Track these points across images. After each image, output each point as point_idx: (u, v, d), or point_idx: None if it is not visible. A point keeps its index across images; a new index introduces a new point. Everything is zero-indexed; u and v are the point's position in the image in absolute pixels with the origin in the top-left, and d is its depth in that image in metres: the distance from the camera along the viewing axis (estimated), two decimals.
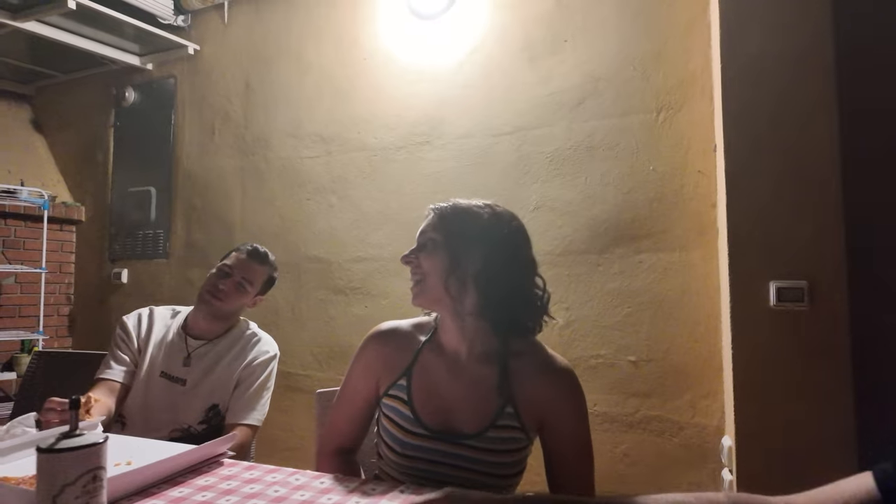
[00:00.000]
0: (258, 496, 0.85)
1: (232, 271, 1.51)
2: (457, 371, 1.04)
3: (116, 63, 3.24)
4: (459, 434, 0.99)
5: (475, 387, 1.02)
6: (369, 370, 1.10)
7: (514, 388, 1.00)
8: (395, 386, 1.05)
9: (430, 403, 1.02)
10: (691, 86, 2.04)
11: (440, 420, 1.00)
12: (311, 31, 2.81)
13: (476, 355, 1.04)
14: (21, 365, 3.14)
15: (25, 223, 3.27)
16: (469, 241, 1.01)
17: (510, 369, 1.01)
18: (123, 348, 1.48)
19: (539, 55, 2.29)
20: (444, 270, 1.00)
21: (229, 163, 2.99)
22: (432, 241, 1.03)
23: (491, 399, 1.00)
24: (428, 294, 1.03)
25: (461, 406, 1.01)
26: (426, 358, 1.07)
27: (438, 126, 2.48)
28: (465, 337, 1.04)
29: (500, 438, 0.98)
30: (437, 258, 1.02)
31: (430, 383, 1.04)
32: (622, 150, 2.12)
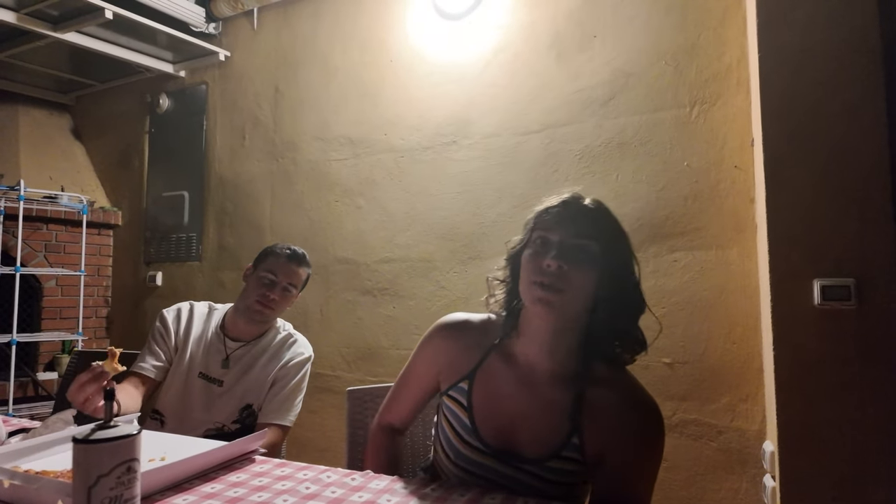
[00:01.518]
0: (289, 492, 0.84)
1: (277, 279, 1.50)
2: (527, 386, 0.93)
3: (151, 71, 3.32)
4: (519, 457, 0.90)
5: (545, 408, 0.91)
6: (432, 362, 1.04)
7: (586, 416, 0.88)
8: (455, 387, 0.98)
9: (491, 416, 0.93)
10: (726, 79, 1.98)
11: (500, 437, 0.92)
12: (338, 34, 2.83)
13: (553, 375, 0.92)
14: (62, 365, 3.24)
15: (66, 228, 3.38)
16: (614, 260, 0.89)
17: (586, 397, 0.89)
18: (160, 343, 1.50)
19: (567, 52, 2.26)
20: (592, 289, 0.87)
21: (259, 167, 3.04)
22: (585, 251, 0.87)
23: (559, 426, 0.89)
24: (565, 313, 0.88)
25: (525, 426, 0.91)
26: (493, 364, 0.97)
27: (465, 126, 2.47)
28: (552, 354, 0.92)
29: (562, 471, 0.88)
30: (589, 274, 0.87)
31: (493, 393, 0.95)
32: (655, 146, 2.07)
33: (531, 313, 0.91)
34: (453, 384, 0.99)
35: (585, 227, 0.88)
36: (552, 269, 0.86)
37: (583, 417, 0.88)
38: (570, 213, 0.90)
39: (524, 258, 0.92)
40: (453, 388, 0.98)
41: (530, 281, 0.88)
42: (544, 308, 0.87)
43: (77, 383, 1.08)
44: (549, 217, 0.91)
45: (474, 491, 0.84)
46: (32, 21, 2.70)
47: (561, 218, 0.90)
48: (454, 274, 2.46)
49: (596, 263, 0.87)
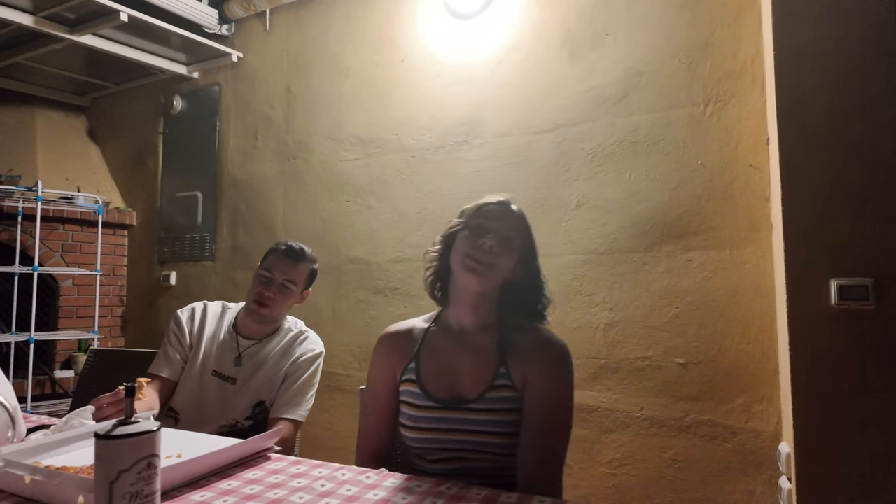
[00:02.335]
0: (305, 490, 0.84)
1: (274, 276, 1.51)
2: (461, 342, 1.11)
3: (165, 72, 3.36)
4: (463, 400, 1.06)
5: (476, 354, 1.09)
6: (386, 365, 1.16)
7: (509, 349, 1.08)
8: (406, 371, 1.13)
9: (437, 378, 1.09)
10: (741, 77, 1.96)
11: (445, 390, 1.07)
12: (349, 35, 2.84)
13: (478, 327, 1.11)
14: (78, 363, 3.28)
15: (82, 228, 3.43)
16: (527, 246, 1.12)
17: (507, 339, 1.09)
18: (175, 344, 1.52)
19: (580, 50, 2.25)
20: (509, 269, 1.10)
21: (272, 167, 3.06)
22: (512, 242, 1.09)
23: (489, 362, 1.07)
24: (489, 282, 1.08)
25: (465, 374, 1.08)
26: (432, 338, 1.15)
27: (476, 126, 2.47)
28: (477, 312, 1.11)
29: (498, 398, 1.04)
30: (510, 257, 1.09)
31: (437, 359, 1.12)
32: (668, 144, 2.05)
33: (460, 280, 1.10)
34: (405, 369, 1.13)
35: (513, 223, 1.12)
36: (486, 247, 1.06)
37: (507, 353, 1.07)
38: (504, 210, 1.12)
39: (461, 236, 1.11)
40: (405, 372, 1.13)
41: (465, 253, 1.07)
42: (472, 275, 1.06)
43: (98, 402, 1.13)
44: (489, 210, 1.12)
45: (489, 491, 0.84)
46: (49, 24, 2.74)
47: (497, 213, 1.12)
48: None
49: (515, 251, 1.10)
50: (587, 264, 2.17)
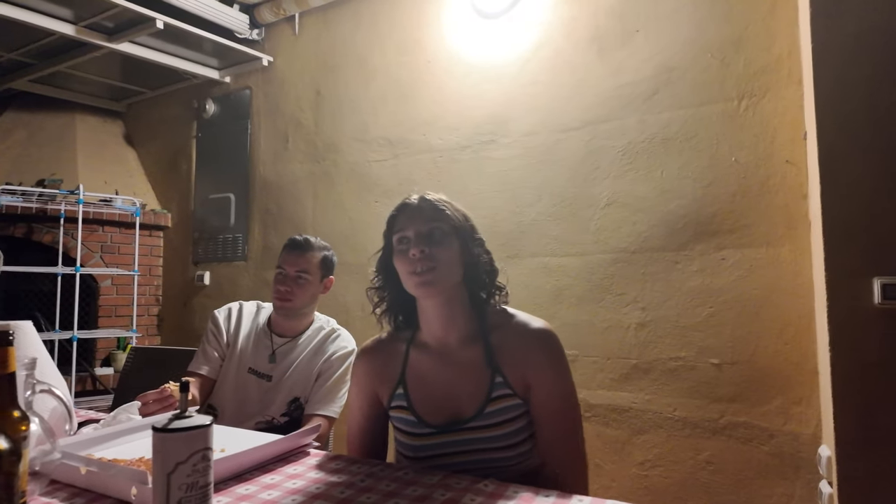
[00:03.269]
0: (345, 485, 0.86)
1: (286, 271, 1.55)
2: (446, 361, 1.06)
3: (198, 77, 3.44)
4: (461, 420, 1.01)
5: (466, 370, 1.04)
6: (364, 388, 1.13)
7: (499, 357, 1.03)
8: (394, 397, 1.08)
9: (429, 402, 1.04)
10: (776, 71, 1.92)
11: (442, 414, 1.02)
12: (376, 36, 2.87)
13: (461, 339, 1.06)
14: (118, 361, 3.39)
15: (120, 229, 3.54)
16: (461, 226, 1.06)
17: (493, 343, 1.04)
18: (213, 343, 1.57)
19: (609, 47, 2.23)
20: (452, 260, 1.03)
21: (301, 168, 3.11)
22: (439, 230, 1.03)
23: (481, 376, 1.02)
24: (443, 282, 1.01)
25: (458, 393, 1.03)
26: (415, 359, 1.09)
27: (503, 124, 2.47)
28: (452, 323, 1.06)
29: (498, 410, 1.00)
30: (446, 249, 1.02)
31: (424, 382, 1.06)
32: (701, 141, 2.02)
33: (420, 300, 1.05)
34: (392, 395, 1.08)
35: (431, 213, 1.04)
36: (417, 256, 1.00)
37: (497, 359, 1.02)
38: (413, 208, 1.06)
39: (396, 261, 1.05)
40: (393, 398, 1.08)
41: (407, 274, 1.02)
42: (426, 289, 1.01)
43: (144, 398, 1.17)
44: (400, 219, 1.06)
45: (528, 490, 0.84)
46: (89, 33, 2.83)
47: (408, 215, 1.06)
48: None
49: (450, 238, 1.03)
50: (617, 263, 2.15)
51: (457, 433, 1.00)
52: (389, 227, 1.09)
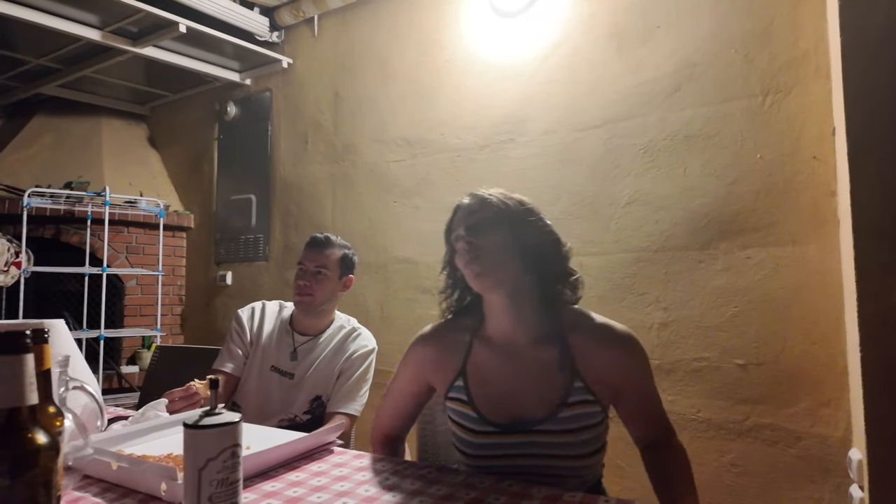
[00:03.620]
0: (370, 483, 0.87)
1: (305, 266, 1.58)
2: (514, 359, 1.02)
3: (219, 80, 3.50)
4: (530, 421, 0.96)
5: (536, 370, 0.99)
6: (417, 374, 1.12)
7: (579, 362, 0.98)
8: (452, 388, 1.05)
9: (492, 399, 1.01)
10: (803, 65, 1.88)
11: (506, 412, 0.98)
12: (395, 37, 2.88)
13: (532, 338, 1.02)
14: (143, 359, 3.46)
15: (144, 230, 3.61)
16: (513, 217, 1.02)
17: (570, 344, 1.00)
18: (237, 341, 1.59)
19: (629, 44, 2.20)
20: (502, 247, 1.00)
21: (321, 169, 3.13)
22: (484, 219, 1.01)
23: (556, 379, 0.98)
24: (492, 272, 0.99)
25: (525, 394, 0.99)
26: (478, 353, 1.05)
27: (521, 123, 2.46)
28: (521, 320, 1.02)
29: (575, 416, 0.95)
30: (493, 236, 1.00)
31: (487, 378, 1.03)
32: (724, 138, 1.99)
33: (484, 294, 1.03)
34: (450, 385, 1.05)
35: (476, 206, 1.04)
36: (466, 248, 1.00)
37: (577, 363, 0.98)
38: (464, 207, 1.06)
39: (457, 261, 1.04)
40: (451, 389, 1.05)
41: (463, 270, 1.02)
42: (480, 280, 1.00)
43: (171, 395, 1.19)
44: (454, 220, 1.07)
45: (550, 489, 0.84)
46: (115, 38, 2.89)
47: (460, 214, 1.06)
48: None
49: (497, 227, 1.00)
50: (639, 263, 2.12)
51: (523, 434, 0.96)
52: (448, 231, 1.08)
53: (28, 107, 3.89)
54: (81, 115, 3.86)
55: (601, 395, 0.97)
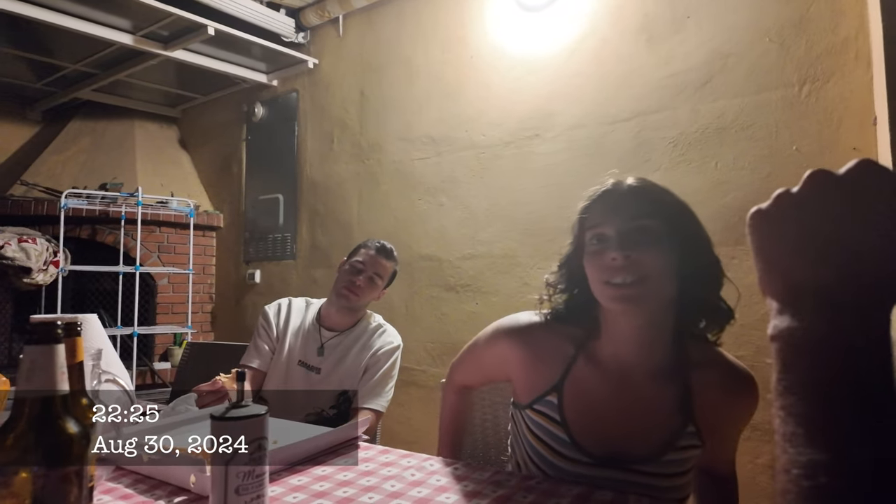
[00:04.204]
0: (395, 478, 0.86)
1: (364, 267, 1.58)
2: (625, 388, 0.88)
3: (247, 81, 3.55)
4: (628, 457, 0.85)
5: (650, 405, 0.86)
6: (500, 364, 1.00)
7: (697, 405, 0.85)
8: (542, 401, 0.91)
9: (590, 426, 0.88)
10: (842, 53, 1.80)
11: (605, 445, 0.87)
12: (420, 35, 2.88)
13: (653, 370, 0.87)
14: (175, 356, 3.54)
15: (175, 230, 3.69)
16: (681, 224, 0.83)
17: (693, 386, 0.86)
18: (264, 337, 1.61)
19: (658, 35, 2.15)
20: (664, 269, 0.80)
21: (347, 169, 3.15)
22: (650, 230, 0.81)
23: (670, 420, 0.85)
24: (651, 300, 0.81)
25: (631, 428, 0.86)
26: (581, 372, 0.91)
27: (548, 118, 2.43)
28: (649, 348, 0.86)
29: (680, 461, 0.85)
30: (660, 255, 0.80)
31: (587, 402, 0.89)
32: (758, 130, 1.93)
33: (612, 313, 0.86)
34: (538, 398, 0.92)
35: (639, 207, 0.82)
36: (619, 263, 0.80)
37: (694, 406, 0.85)
38: (616, 198, 0.84)
39: (586, 262, 0.86)
40: (539, 402, 0.92)
41: (601, 283, 0.83)
42: (625, 305, 0.82)
43: (198, 390, 1.22)
44: (595, 211, 0.85)
45: (582, 486, 0.82)
46: (147, 42, 2.97)
47: (608, 207, 0.84)
48: (539, 270, 2.42)
49: (663, 242, 0.80)
50: None
51: (619, 471, 0.85)
52: (581, 221, 0.88)
53: (66, 111, 4.02)
54: (116, 119, 3.97)
55: (706, 438, 0.86)
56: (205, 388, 1.25)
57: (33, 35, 2.94)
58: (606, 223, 0.83)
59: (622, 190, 0.85)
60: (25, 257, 2.95)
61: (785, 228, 0.39)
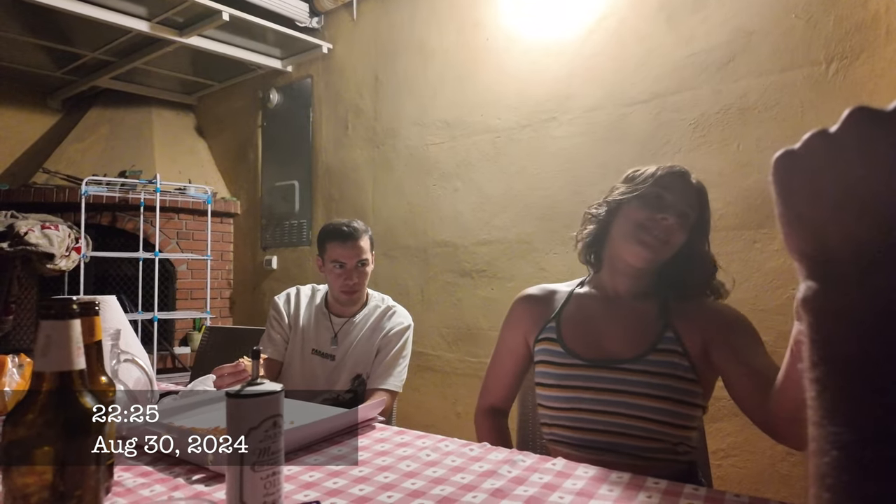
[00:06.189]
0: (411, 458, 0.86)
1: (347, 263, 1.55)
2: (612, 305, 1.06)
3: (262, 68, 3.55)
4: (616, 359, 0.99)
5: (632, 317, 1.03)
6: (516, 328, 1.14)
7: (674, 315, 1.01)
8: (544, 330, 1.08)
9: (581, 336, 1.04)
10: (873, 28, 1.74)
11: (593, 349, 1.02)
12: (434, 18, 2.84)
13: (636, 293, 1.06)
14: (194, 341, 3.60)
15: (193, 217, 3.73)
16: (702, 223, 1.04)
17: (671, 304, 1.02)
18: (276, 328, 1.63)
19: (679, 13, 2.09)
20: (680, 245, 1.02)
21: (362, 154, 3.15)
22: (688, 218, 1.01)
23: (649, 326, 1.01)
24: (658, 261, 1.02)
25: (616, 335, 1.02)
26: (577, 300, 1.10)
27: (565, 101, 2.39)
28: (637, 281, 1.05)
29: (662, 362, 0.97)
30: (683, 236, 1.01)
31: (580, 318, 1.07)
32: (783, 110, 1.87)
33: (625, 252, 1.03)
34: (542, 329, 1.09)
35: (692, 198, 1.02)
36: (668, 223, 0.99)
37: (671, 317, 1.00)
38: (684, 183, 1.03)
39: (633, 205, 1.02)
40: (543, 331, 1.09)
41: (637, 224, 1.00)
42: (645, 251, 1.00)
43: (220, 371, 1.22)
44: (668, 181, 1.02)
45: (599, 470, 0.81)
46: (162, 28, 2.98)
47: (677, 185, 1.02)
48: (554, 255, 2.40)
49: (688, 230, 1.02)
50: None
51: (609, 370, 0.99)
52: (650, 178, 1.03)
53: (85, 100, 4.07)
54: (134, 107, 4.00)
55: (690, 348, 0.97)
56: (227, 370, 1.25)
57: (53, 23, 2.97)
58: (670, 193, 1.01)
59: (689, 180, 1.04)
60: (48, 244, 3.01)
61: (819, 175, 0.34)
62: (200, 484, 0.78)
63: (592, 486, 0.75)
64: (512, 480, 0.77)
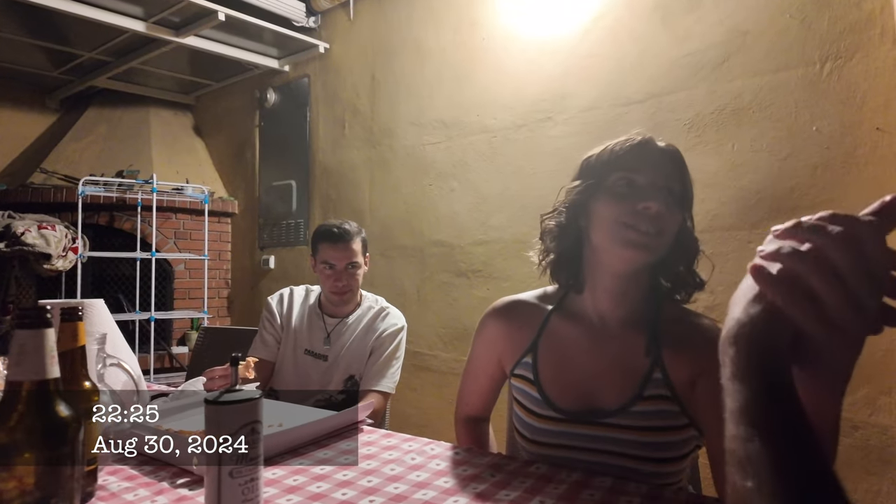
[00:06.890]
0: (396, 462, 0.86)
1: (337, 265, 1.55)
2: (596, 340, 0.90)
3: (259, 67, 3.55)
4: (599, 412, 0.85)
5: (619, 354, 0.88)
6: (490, 348, 1.02)
7: (664, 343, 0.85)
8: (520, 364, 0.94)
9: (560, 380, 0.90)
10: (867, 29, 1.73)
11: (574, 399, 0.88)
12: (431, 18, 2.84)
13: (624, 320, 0.89)
14: (191, 340, 3.60)
15: (191, 216, 3.73)
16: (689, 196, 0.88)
17: (661, 333, 0.87)
18: (269, 328, 1.63)
19: (674, 13, 2.09)
20: (675, 230, 0.85)
21: (359, 154, 3.15)
22: (676, 192, 0.84)
23: (637, 363, 0.86)
24: (657, 253, 0.84)
25: (601, 378, 0.87)
26: (555, 327, 0.94)
27: (561, 101, 2.38)
28: (624, 299, 0.89)
29: (648, 412, 0.83)
30: (676, 218, 0.84)
31: (560, 357, 0.91)
32: (777, 110, 1.87)
33: (613, 259, 0.86)
34: (517, 362, 0.95)
35: (670, 169, 0.85)
36: (652, 212, 0.81)
37: (660, 348, 0.86)
38: (651, 154, 0.86)
39: (601, 201, 0.85)
40: (518, 365, 0.95)
41: (620, 223, 0.82)
42: (636, 252, 0.82)
43: (210, 373, 1.22)
44: (630, 157, 0.85)
45: (580, 472, 0.81)
46: (158, 28, 2.98)
47: (644, 157, 0.85)
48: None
49: (679, 208, 0.84)
50: None
51: (590, 426, 0.85)
52: (607, 162, 0.87)
53: (83, 100, 4.07)
54: (131, 107, 4.01)
55: (680, 391, 0.84)
56: (218, 372, 1.25)
57: (50, 24, 2.97)
58: (641, 172, 0.84)
59: (657, 147, 0.87)
60: (45, 244, 3.01)
61: None
62: (184, 488, 0.78)
63: (574, 490, 0.75)
64: (494, 485, 0.77)
